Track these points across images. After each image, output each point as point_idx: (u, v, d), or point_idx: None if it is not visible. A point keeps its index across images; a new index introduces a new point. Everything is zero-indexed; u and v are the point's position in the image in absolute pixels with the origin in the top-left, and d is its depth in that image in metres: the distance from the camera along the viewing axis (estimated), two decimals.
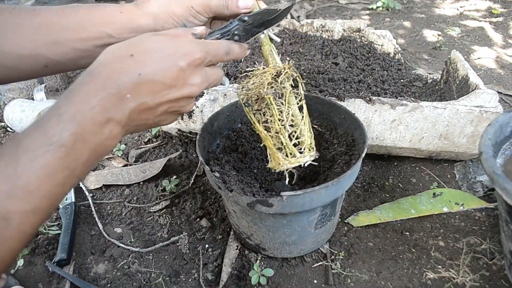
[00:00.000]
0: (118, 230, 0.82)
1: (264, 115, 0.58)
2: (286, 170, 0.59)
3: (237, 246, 0.75)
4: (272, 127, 0.57)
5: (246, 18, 0.50)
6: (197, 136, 0.68)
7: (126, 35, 0.50)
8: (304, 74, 0.96)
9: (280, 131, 0.56)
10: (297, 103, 0.58)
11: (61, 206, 0.84)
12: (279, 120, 0.56)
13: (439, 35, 1.65)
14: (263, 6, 0.54)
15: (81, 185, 0.92)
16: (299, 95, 0.59)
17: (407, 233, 0.77)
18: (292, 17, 1.87)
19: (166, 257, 0.76)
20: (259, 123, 0.58)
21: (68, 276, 0.71)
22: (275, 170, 0.59)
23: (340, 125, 0.76)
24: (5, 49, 0.47)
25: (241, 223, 0.70)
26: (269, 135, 0.57)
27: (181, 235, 0.79)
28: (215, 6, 0.52)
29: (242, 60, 1.01)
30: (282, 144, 0.57)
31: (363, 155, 0.63)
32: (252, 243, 0.72)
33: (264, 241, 0.70)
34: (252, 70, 0.57)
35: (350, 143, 0.72)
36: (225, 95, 0.88)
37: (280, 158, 0.57)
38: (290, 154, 0.57)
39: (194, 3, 0.51)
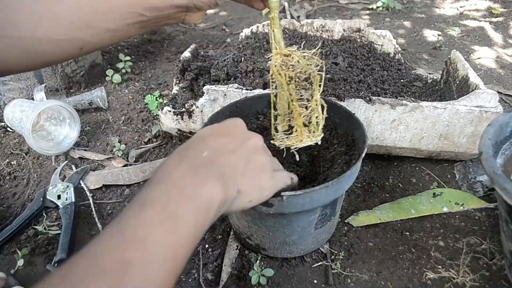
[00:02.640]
0: None
1: (299, 94, 0.62)
2: (300, 147, 0.63)
3: (237, 246, 0.75)
4: (307, 105, 0.61)
5: None
6: None
7: (157, 13, 0.51)
8: None
9: (315, 109, 0.62)
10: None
11: (61, 206, 0.84)
12: (315, 100, 0.61)
13: (439, 35, 1.65)
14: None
15: (81, 185, 0.92)
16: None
17: (407, 233, 0.77)
18: (292, 17, 1.87)
19: None
20: (295, 101, 0.61)
21: None
22: (292, 147, 0.63)
23: (340, 125, 0.76)
24: (39, 35, 0.46)
25: (241, 223, 0.70)
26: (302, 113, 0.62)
27: None
28: None
29: (242, 59, 1.01)
30: (310, 122, 0.62)
31: (363, 155, 0.63)
32: (252, 243, 0.72)
33: (264, 241, 0.70)
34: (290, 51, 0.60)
35: (350, 143, 0.72)
36: (225, 95, 0.88)
37: (304, 135, 0.63)
38: (313, 132, 0.63)
39: None
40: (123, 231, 0.34)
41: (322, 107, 0.62)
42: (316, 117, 0.62)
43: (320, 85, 0.61)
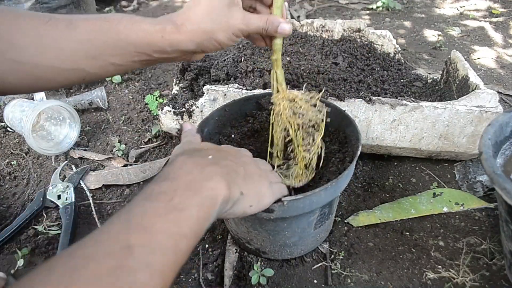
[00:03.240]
0: None
1: (302, 139, 0.64)
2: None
3: (236, 249, 0.75)
4: (310, 150, 0.64)
5: None
6: None
7: (164, 56, 0.52)
8: (304, 74, 0.96)
9: (314, 154, 0.64)
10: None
11: (61, 206, 0.84)
12: (317, 144, 0.64)
13: (439, 35, 1.65)
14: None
15: (81, 185, 0.92)
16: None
17: (407, 233, 0.77)
18: (292, 17, 1.87)
19: None
20: (300, 146, 0.64)
21: None
22: (292, 186, 0.65)
23: (330, 122, 0.75)
24: (43, 63, 0.46)
25: (240, 229, 0.70)
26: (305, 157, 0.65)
27: None
28: (254, 30, 0.55)
29: (242, 59, 1.01)
30: (310, 164, 0.65)
31: (358, 152, 0.63)
32: (252, 247, 0.72)
33: (264, 244, 0.70)
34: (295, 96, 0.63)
35: (342, 140, 0.72)
36: (225, 95, 0.88)
37: (304, 176, 0.66)
38: (310, 173, 0.66)
39: (235, 29, 0.53)
40: (129, 219, 0.35)
41: (321, 148, 0.64)
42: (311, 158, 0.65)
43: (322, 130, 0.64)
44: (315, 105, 0.63)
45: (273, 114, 0.64)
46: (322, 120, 0.63)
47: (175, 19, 0.52)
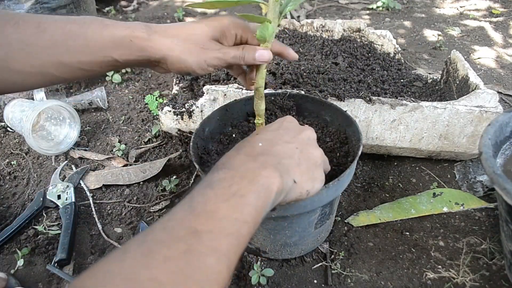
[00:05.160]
0: (118, 230, 0.82)
1: None
2: None
3: None
4: None
5: None
6: (191, 143, 0.67)
7: (131, 61, 0.51)
8: (304, 74, 0.96)
9: None
10: None
11: (61, 206, 0.84)
12: None
13: (439, 35, 1.65)
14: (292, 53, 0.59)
15: (81, 184, 0.92)
16: None
17: (407, 233, 0.77)
18: (292, 17, 1.87)
19: None
20: None
21: (69, 278, 0.71)
22: None
23: (331, 123, 0.76)
24: (11, 66, 0.46)
25: None
26: None
27: None
28: (231, 59, 0.54)
29: None
30: None
31: (360, 152, 0.63)
32: (252, 246, 0.72)
33: (265, 244, 0.70)
34: None
35: (343, 140, 0.72)
36: (225, 95, 0.88)
37: None
38: None
39: (209, 57, 0.52)
40: (193, 206, 0.37)
41: None
42: None
43: None
44: None
45: None
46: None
47: (151, 26, 0.52)
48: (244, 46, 0.54)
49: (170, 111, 0.92)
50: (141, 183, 0.93)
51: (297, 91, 0.80)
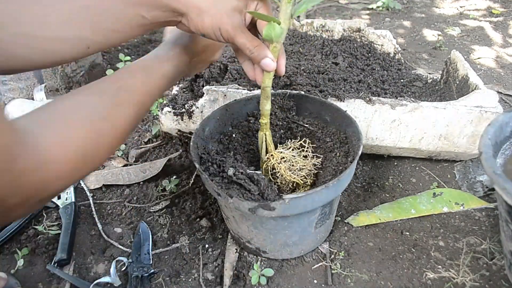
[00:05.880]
0: (118, 230, 0.82)
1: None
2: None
3: (236, 249, 0.75)
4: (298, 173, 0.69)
5: None
6: (191, 143, 0.67)
7: (159, 17, 0.52)
8: (304, 74, 0.96)
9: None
10: None
11: (61, 206, 0.84)
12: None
13: (439, 35, 1.65)
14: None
15: (81, 184, 0.92)
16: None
17: (407, 233, 0.77)
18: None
19: (166, 257, 0.76)
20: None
21: (69, 278, 0.71)
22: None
23: (331, 122, 0.76)
24: (48, 34, 0.48)
25: (241, 227, 0.70)
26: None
27: (182, 238, 0.79)
28: (239, 44, 0.53)
29: None
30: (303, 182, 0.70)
31: (360, 152, 0.63)
32: (252, 246, 0.72)
33: (265, 244, 0.70)
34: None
35: (343, 140, 0.72)
36: (225, 95, 0.88)
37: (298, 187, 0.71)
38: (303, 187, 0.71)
39: (223, 27, 0.52)
40: (118, 73, 0.51)
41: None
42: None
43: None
44: (305, 156, 0.69)
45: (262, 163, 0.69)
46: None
47: None
48: (259, 44, 0.54)
49: (170, 111, 0.92)
50: (141, 183, 0.93)
51: (297, 91, 0.80)
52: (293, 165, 0.68)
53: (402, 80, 1.07)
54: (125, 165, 0.99)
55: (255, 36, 0.56)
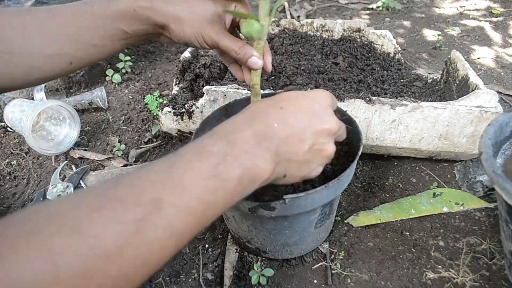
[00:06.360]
0: None
1: None
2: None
3: (236, 249, 0.75)
4: None
5: None
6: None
7: (140, 31, 0.53)
8: (304, 74, 0.96)
9: None
10: None
11: None
12: None
13: (439, 35, 1.65)
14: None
15: (81, 185, 0.92)
16: None
17: (407, 233, 0.77)
18: (292, 17, 1.87)
19: None
20: None
21: None
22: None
23: None
24: (30, 50, 0.49)
25: (241, 227, 0.70)
26: None
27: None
28: (224, 48, 0.53)
29: None
30: None
31: (360, 152, 0.63)
32: (252, 246, 0.72)
33: (265, 244, 0.70)
34: None
35: (343, 141, 0.72)
36: (225, 95, 0.88)
37: None
38: None
39: (206, 34, 0.52)
40: (171, 171, 0.35)
41: None
42: None
43: None
44: None
45: None
46: None
47: None
48: (243, 45, 0.54)
49: (170, 111, 0.93)
50: None
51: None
52: None
53: (402, 80, 1.07)
54: (125, 165, 0.99)
55: (238, 38, 0.56)
